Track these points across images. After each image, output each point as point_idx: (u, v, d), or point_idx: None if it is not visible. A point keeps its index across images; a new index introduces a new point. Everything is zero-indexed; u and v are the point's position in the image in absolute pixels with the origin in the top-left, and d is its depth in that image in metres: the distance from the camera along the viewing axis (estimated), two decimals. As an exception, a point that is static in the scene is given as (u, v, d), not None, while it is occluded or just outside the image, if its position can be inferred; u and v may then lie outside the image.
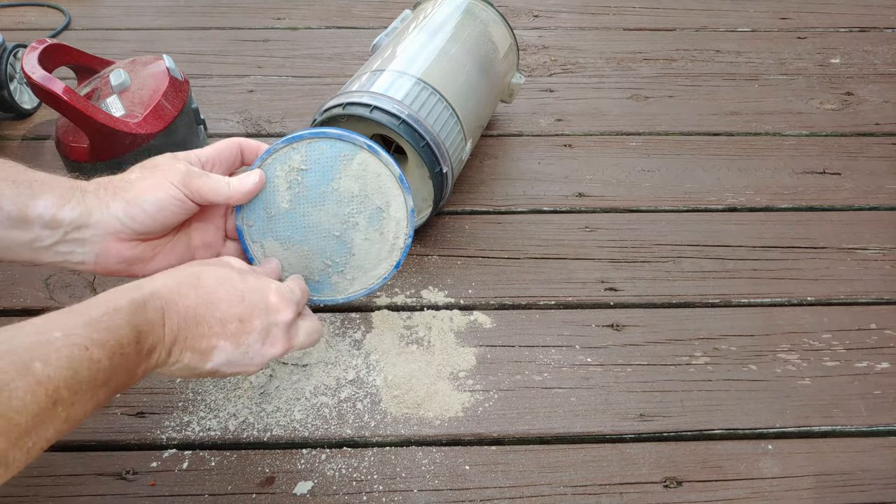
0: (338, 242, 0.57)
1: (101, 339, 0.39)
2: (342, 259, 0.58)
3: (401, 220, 0.57)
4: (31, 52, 0.79)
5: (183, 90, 0.86)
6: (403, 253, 0.58)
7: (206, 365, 0.46)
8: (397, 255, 0.58)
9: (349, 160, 0.55)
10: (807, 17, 1.28)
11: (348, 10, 1.28)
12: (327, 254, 0.57)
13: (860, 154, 0.96)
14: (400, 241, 0.58)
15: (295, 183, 0.55)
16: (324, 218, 0.56)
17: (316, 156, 0.55)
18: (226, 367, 0.47)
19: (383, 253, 0.58)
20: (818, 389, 0.68)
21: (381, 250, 0.58)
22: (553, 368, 0.69)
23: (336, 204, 0.56)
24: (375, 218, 0.57)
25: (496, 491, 0.60)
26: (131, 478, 0.60)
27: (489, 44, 0.87)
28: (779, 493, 0.60)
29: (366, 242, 0.57)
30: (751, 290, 0.77)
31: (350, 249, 0.57)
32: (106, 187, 0.49)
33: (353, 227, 0.57)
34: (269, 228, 0.56)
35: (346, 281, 0.58)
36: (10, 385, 0.34)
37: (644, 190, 0.90)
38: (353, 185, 0.56)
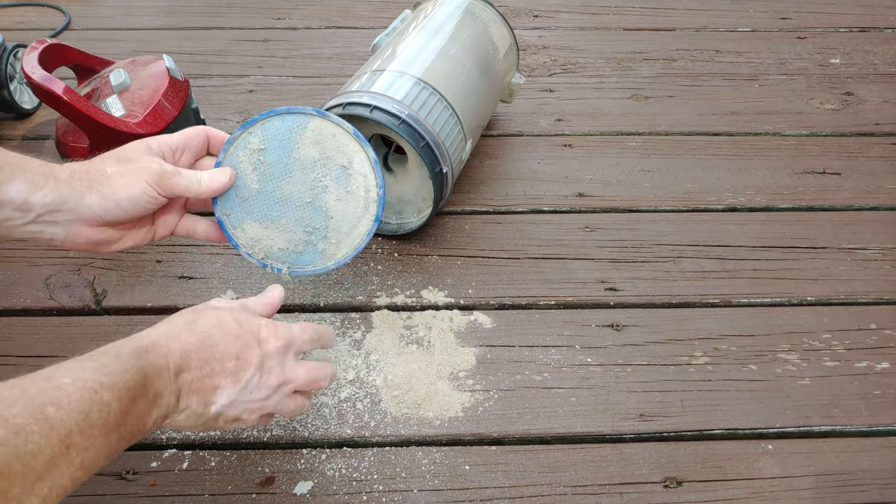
0: (312, 209, 0.59)
1: (110, 382, 0.40)
2: (321, 224, 0.59)
3: (367, 173, 0.59)
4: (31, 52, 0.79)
5: (183, 90, 0.86)
6: (379, 205, 0.59)
7: (211, 409, 0.48)
8: (374, 209, 0.59)
9: (303, 129, 0.58)
10: (807, 17, 1.28)
11: (348, 10, 1.28)
12: (305, 222, 0.59)
13: (860, 154, 0.96)
14: (372, 194, 0.59)
15: (259, 163, 0.58)
16: (293, 188, 0.58)
17: (272, 133, 0.57)
18: (229, 408, 0.49)
19: (359, 210, 0.59)
20: (818, 389, 0.68)
21: (357, 207, 0.59)
22: (553, 368, 0.69)
23: (301, 172, 0.58)
24: (342, 177, 0.59)
25: (496, 491, 0.60)
26: (131, 478, 0.60)
27: (489, 44, 0.87)
28: (779, 493, 0.60)
29: (339, 203, 0.59)
30: (751, 290, 0.77)
31: (326, 213, 0.59)
32: (81, 178, 0.51)
33: (323, 191, 0.58)
34: (245, 211, 0.58)
35: (333, 246, 0.60)
36: (25, 429, 0.35)
37: (644, 190, 0.90)
38: (313, 150, 0.58)
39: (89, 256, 0.78)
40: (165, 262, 0.78)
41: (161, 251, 0.79)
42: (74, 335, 0.70)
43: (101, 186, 0.51)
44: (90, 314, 0.73)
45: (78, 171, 0.51)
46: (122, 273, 0.77)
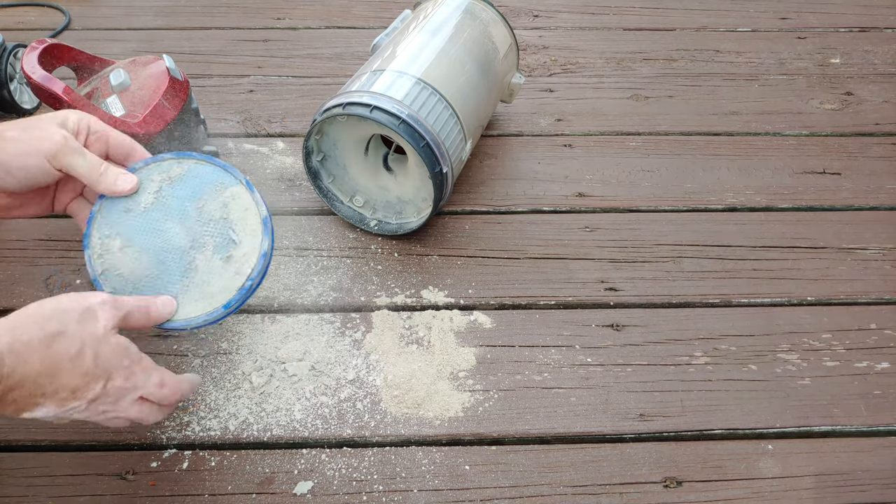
0: (178, 257, 0.57)
1: None
2: (177, 276, 0.56)
3: (250, 257, 0.57)
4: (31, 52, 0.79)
5: (183, 90, 0.86)
6: (237, 296, 0.56)
7: (22, 414, 0.47)
8: (228, 296, 0.56)
9: (223, 187, 0.57)
10: (807, 17, 1.28)
11: (348, 10, 1.28)
12: (164, 265, 0.56)
13: (860, 154, 0.96)
14: (238, 280, 0.56)
15: (165, 188, 0.57)
16: (176, 229, 0.57)
17: (195, 174, 0.57)
18: (41, 417, 0.48)
19: (216, 288, 0.56)
20: (818, 389, 0.68)
21: (218, 284, 0.56)
22: (553, 368, 0.69)
23: (194, 221, 0.57)
24: (224, 247, 0.57)
25: (496, 491, 0.60)
26: (131, 478, 0.60)
27: (489, 44, 0.87)
28: (779, 493, 0.60)
29: (206, 266, 0.57)
30: (751, 290, 0.77)
31: (188, 269, 0.57)
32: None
33: (200, 248, 0.57)
34: (119, 222, 0.57)
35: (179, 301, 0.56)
36: None
37: (644, 190, 0.90)
38: (218, 210, 0.57)
39: (89, 256, 0.78)
40: (165, 262, 0.78)
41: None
42: (74, 335, 0.70)
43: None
44: (90, 314, 0.73)
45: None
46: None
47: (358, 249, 0.81)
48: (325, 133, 0.79)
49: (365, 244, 0.82)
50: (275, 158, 0.93)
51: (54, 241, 0.80)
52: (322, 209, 0.86)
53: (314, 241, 0.82)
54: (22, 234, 0.81)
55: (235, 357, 0.69)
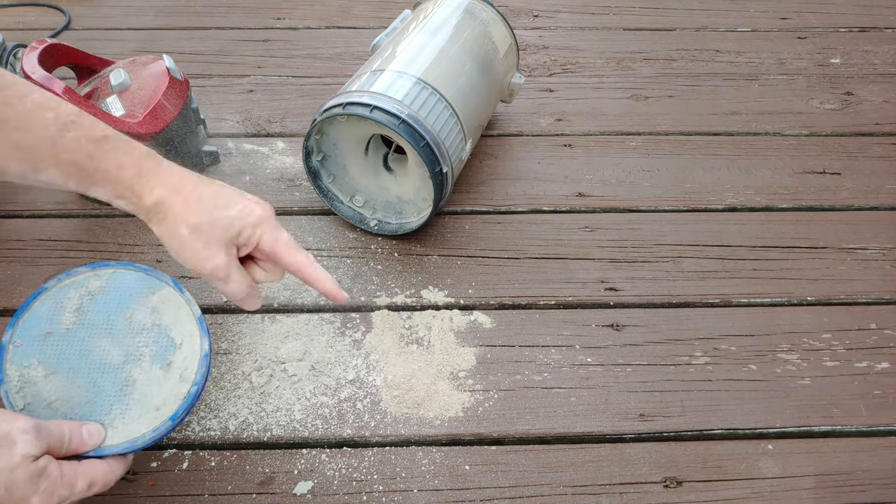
0: (113, 376, 0.52)
1: None
2: (113, 396, 0.52)
3: (191, 361, 0.53)
4: (31, 52, 0.79)
5: (183, 90, 0.86)
6: (184, 404, 0.52)
7: None
8: (175, 406, 0.52)
9: (150, 293, 0.55)
10: (807, 17, 1.28)
11: (348, 10, 1.28)
12: (97, 387, 0.52)
13: (860, 154, 0.96)
14: (184, 387, 0.52)
15: (86, 304, 0.53)
16: (105, 345, 0.53)
17: (117, 283, 0.55)
18: None
19: (160, 399, 0.52)
20: (818, 389, 0.68)
21: (159, 393, 0.52)
22: (553, 368, 0.69)
23: (124, 334, 0.53)
24: (163, 354, 0.53)
25: (496, 491, 0.60)
26: (131, 478, 0.60)
27: (489, 44, 0.87)
28: (779, 493, 0.60)
29: (145, 378, 0.52)
30: (751, 290, 0.77)
31: (124, 385, 0.52)
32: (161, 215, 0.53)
33: (136, 361, 0.53)
34: (39, 349, 0.52)
35: (112, 428, 0.51)
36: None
37: (644, 190, 0.90)
38: (148, 317, 0.54)
39: (89, 256, 0.78)
40: (165, 263, 0.78)
41: (161, 252, 0.79)
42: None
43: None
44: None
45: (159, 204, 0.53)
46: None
47: (358, 249, 0.81)
48: (325, 133, 0.79)
49: (365, 244, 0.82)
50: (275, 158, 0.93)
51: (54, 241, 0.80)
52: (322, 209, 0.86)
53: (314, 241, 0.82)
54: (22, 234, 0.81)
55: (235, 357, 0.69)
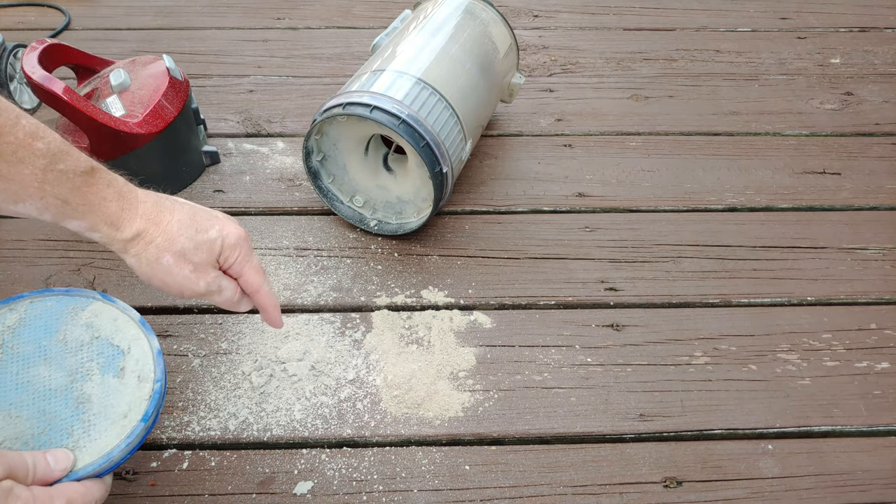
0: (63, 399, 0.50)
1: None
2: (70, 417, 0.50)
3: (145, 360, 0.52)
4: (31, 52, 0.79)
5: (183, 90, 0.86)
6: (152, 402, 0.51)
7: None
8: (143, 407, 0.50)
9: (79, 310, 0.54)
10: (807, 17, 1.28)
11: (348, 10, 1.28)
12: (49, 414, 0.50)
13: (860, 154, 0.96)
14: (147, 386, 0.51)
15: (8, 339, 0.52)
16: (45, 372, 0.51)
17: (37, 312, 0.53)
18: None
19: (123, 405, 0.50)
20: (818, 389, 0.68)
21: (121, 400, 0.51)
22: (553, 368, 0.69)
23: (62, 355, 0.52)
24: (113, 363, 0.52)
25: (496, 491, 0.60)
26: (131, 478, 0.60)
27: (489, 44, 0.87)
28: (779, 493, 0.60)
29: (101, 391, 0.51)
30: (751, 290, 0.77)
31: (79, 403, 0.50)
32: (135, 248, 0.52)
33: (84, 377, 0.51)
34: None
35: (81, 447, 0.49)
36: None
37: (644, 190, 0.90)
38: (84, 332, 0.53)
39: (89, 256, 0.78)
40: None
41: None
42: (74, 335, 0.70)
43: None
44: (90, 314, 0.73)
45: (138, 240, 0.52)
46: (122, 273, 0.77)
47: (358, 249, 0.81)
48: (325, 133, 0.79)
49: (365, 244, 0.82)
50: (275, 158, 0.93)
51: (54, 241, 0.80)
52: (322, 209, 0.86)
53: (314, 241, 0.82)
54: (22, 234, 0.81)
55: (235, 357, 0.69)
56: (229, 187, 0.88)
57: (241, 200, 0.87)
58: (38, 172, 0.46)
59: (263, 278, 0.57)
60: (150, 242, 0.51)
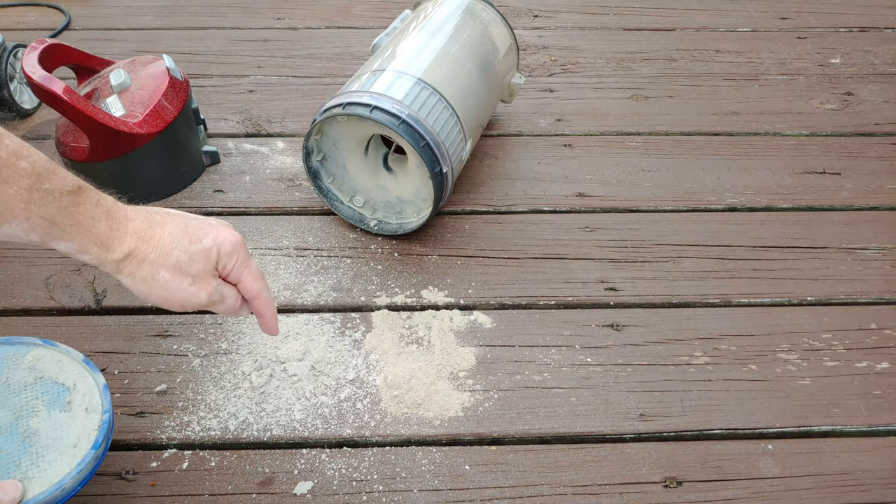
0: (9, 435, 0.52)
1: None
2: (14, 454, 0.51)
3: (92, 394, 0.54)
4: (31, 52, 0.79)
5: (183, 90, 0.86)
6: (101, 431, 0.52)
7: None
8: (93, 433, 0.52)
9: (20, 356, 0.54)
10: (807, 17, 1.28)
11: (348, 10, 1.28)
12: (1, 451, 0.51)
13: (860, 154, 0.96)
14: (95, 417, 0.53)
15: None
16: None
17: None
18: None
19: (73, 434, 0.52)
20: (818, 389, 0.68)
21: (70, 431, 0.52)
22: (553, 368, 0.69)
23: (4, 396, 0.53)
24: (58, 399, 0.53)
25: (496, 491, 0.60)
26: (131, 478, 0.60)
27: (489, 44, 0.87)
28: (779, 493, 0.60)
29: (48, 425, 0.52)
30: (751, 290, 0.77)
31: (25, 438, 0.51)
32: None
33: (29, 414, 0.52)
34: None
35: (27, 478, 0.50)
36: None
37: (644, 190, 0.90)
38: (27, 375, 0.54)
39: (89, 256, 0.78)
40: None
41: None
42: (74, 335, 0.70)
43: None
44: (90, 314, 0.73)
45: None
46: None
47: (358, 249, 0.81)
48: (325, 133, 0.79)
49: (365, 244, 0.82)
50: (275, 158, 0.93)
51: (54, 241, 0.80)
52: (322, 209, 0.86)
53: (314, 241, 0.82)
54: (22, 234, 0.81)
55: (235, 357, 0.69)
56: (229, 187, 0.88)
57: (241, 200, 0.87)
58: (24, 192, 0.45)
59: (263, 284, 0.56)
60: (143, 260, 0.50)
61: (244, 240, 0.55)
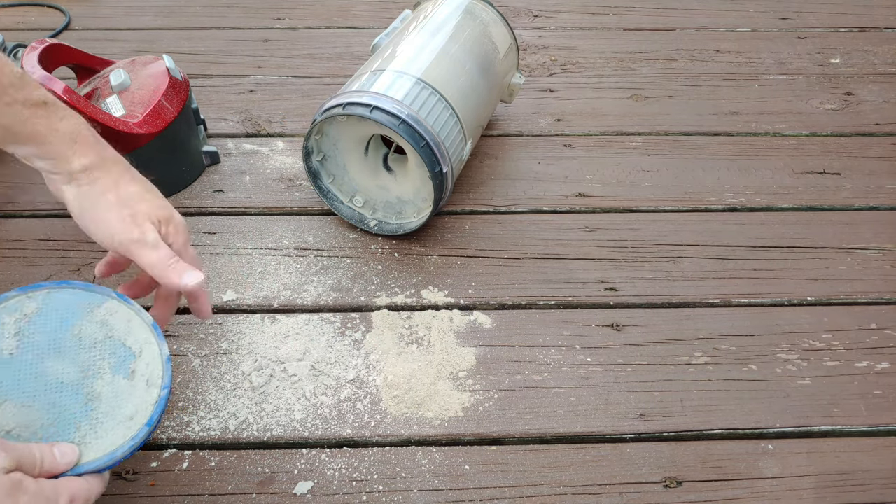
0: (74, 393, 0.51)
1: None
2: (79, 412, 0.50)
3: (154, 366, 0.52)
4: (31, 52, 0.79)
5: (183, 90, 0.86)
6: (157, 408, 0.51)
7: None
8: (149, 412, 0.51)
9: (95, 307, 0.53)
10: (807, 17, 1.28)
11: (348, 10, 1.28)
12: (59, 407, 0.50)
13: (860, 154, 0.96)
14: (154, 392, 0.51)
15: (25, 328, 0.52)
16: (57, 365, 0.51)
17: (55, 304, 0.53)
18: None
19: (130, 408, 0.51)
20: (818, 389, 0.68)
21: (129, 402, 0.51)
22: (553, 368, 0.69)
23: (75, 350, 0.52)
24: (123, 364, 0.52)
25: (496, 491, 0.60)
26: (131, 478, 0.60)
27: (489, 44, 0.87)
28: (779, 493, 0.60)
29: (110, 390, 0.51)
30: (751, 290, 0.77)
31: (91, 401, 0.51)
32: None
33: (96, 375, 0.51)
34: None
35: (87, 444, 0.49)
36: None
37: (644, 190, 0.90)
38: (98, 330, 0.53)
39: (89, 256, 0.78)
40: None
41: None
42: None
43: None
44: (90, 314, 0.73)
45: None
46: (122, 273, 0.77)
47: (358, 249, 0.81)
48: (325, 133, 0.79)
49: (365, 244, 0.82)
50: (275, 158, 0.93)
51: (54, 241, 0.80)
52: (322, 209, 0.86)
53: (314, 241, 0.82)
54: (22, 234, 0.81)
55: (235, 357, 0.69)
56: (229, 187, 0.88)
57: (241, 200, 0.87)
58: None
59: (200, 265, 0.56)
60: (97, 180, 0.50)
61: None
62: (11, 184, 0.87)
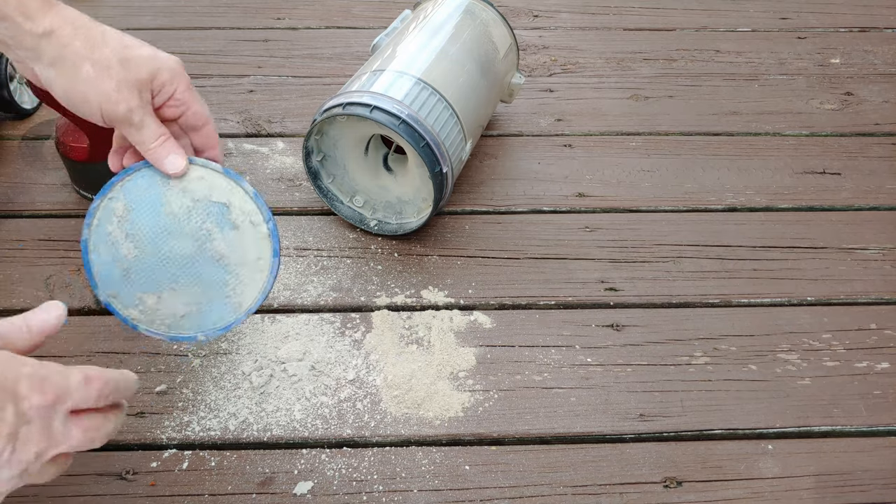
0: (202, 260, 0.53)
1: None
2: (217, 274, 0.53)
3: (249, 209, 0.53)
4: (31, 51, 0.78)
5: (183, 90, 0.86)
6: (274, 239, 0.53)
7: None
8: (269, 245, 0.53)
9: (167, 179, 0.53)
10: (807, 17, 1.27)
11: (348, 10, 1.28)
12: (199, 276, 0.53)
13: (860, 154, 0.96)
14: (262, 229, 0.53)
15: (130, 228, 0.53)
16: (175, 245, 0.53)
17: (135, 193, 0.53)
18: None
19: (253, 249, 0.53)
20: (818, 389, 0.68)
21: (250, 246, 0.53)
22: (553, 368, 0.69)
23: (179, 226, 0.53)
24: (223, 218, 0.53)
25: (496, 491, 0.60)
26: (131, 478, 0.60)
27: (489, 44, 0.87)
28: (779, 493, 0.60)
29: (229, 246, 0.53)
30: (751, 290, 0.77)
31: (219, 260, 0.53)
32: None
33: (208, 238, 0.53)
34: (132, 286, 0.53)
35: (238, 294, 0.54)
36: None
37: (644, 190, 0.90)
38: (184, 199, 0.53)
39: (89, 256, 0.78)
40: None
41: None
42: (74, 335, 0.70)
43: None
44: (90, 314, 0.73)
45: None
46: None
47: (358, 249, 0.81)
48: (325, 133, 0.79)
49: (365, 244, 0.82)
50: (275, 158, 0.93)
51: (54, 241, 0.80)
52: (322, 209, 0.86)
53: (314, 241, 0.82)
54: (22, 234, 0.81)
55: (235, 357, 0.69)
56: (229, 187, 0.88)
57: (241, 200, 0.86)
58: None
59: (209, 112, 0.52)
60: (67, 46, 0.45)
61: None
62: (11, 184, 0.87)
